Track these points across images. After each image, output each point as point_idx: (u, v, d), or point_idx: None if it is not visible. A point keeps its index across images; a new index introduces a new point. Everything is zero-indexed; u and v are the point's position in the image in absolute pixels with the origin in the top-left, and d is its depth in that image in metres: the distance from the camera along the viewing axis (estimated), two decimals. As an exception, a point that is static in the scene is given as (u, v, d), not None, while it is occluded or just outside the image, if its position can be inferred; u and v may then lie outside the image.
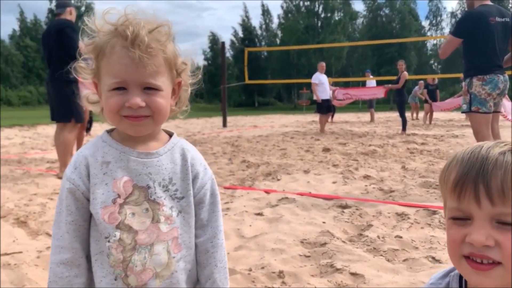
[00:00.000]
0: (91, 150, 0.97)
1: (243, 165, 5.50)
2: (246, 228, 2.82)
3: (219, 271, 1.04)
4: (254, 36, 57.86)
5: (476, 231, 0.69)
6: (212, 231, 1.03)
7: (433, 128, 12.18)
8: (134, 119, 0.92)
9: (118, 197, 0.94)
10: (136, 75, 0.90)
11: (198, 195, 1.02)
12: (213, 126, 14.51)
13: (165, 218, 0.96)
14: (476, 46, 3.85)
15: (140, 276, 0.93)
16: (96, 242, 0.95)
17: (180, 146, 1.03)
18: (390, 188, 3.94)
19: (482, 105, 3.84)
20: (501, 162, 0.68)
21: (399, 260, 2.26)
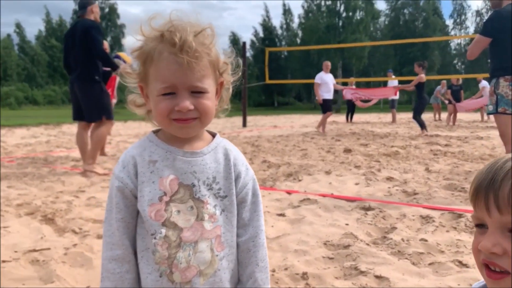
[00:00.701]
0: (139, 150, 1.01)
1: (263, 165, 5.50)
2: (268, 228, 2.82)
3: (260, 270, 1.05)
4: (275, 36, 57.76)
5: (486, 238, 0.72)
6: (254, 230, 1.05)
7: (457, 129, 11.92)
8: (183, 121, 0.95)
9: (164, 195, 0.96)
10: (185, 79, 0.93)
11: (240, 194, 1.04)
12: (233, 126, 14.56)
13: (209, 216, 0.98)
14: (504, 46, 3.78)
15: (185, 273, 0.96)
16: (142, 240, 0.98)
17: (223, 146, 1.06)
18: (414, 190, 3.87)
19: (509, 106, 3.78)
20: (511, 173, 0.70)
21: (425, 263, 2.22)
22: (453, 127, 12.64)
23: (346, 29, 48.29)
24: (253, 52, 56.15)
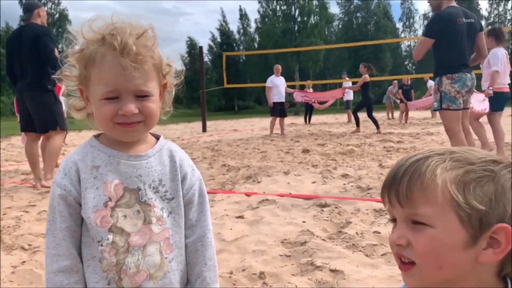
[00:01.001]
0: (80, 155, 0.98)
1: (223, 169, 5.50)
2: (226, 231, 2.82)
3: (208, 269, 1.05)
4: (232, 40, 57.85)
5: (394, 231, 0.76)
6: (201, 231, 1.05)
7: (409, 126, 12.43)
8: (127, 125, 0.94)
9: (110, 200, 0.95)
10: (128, 83, 0.92)
11: (187, 195, 1.04)
12: (193, 131, 14.43)
13: (156, 219, 0.97)
14: (446, 46, 3.99)
15: (134, 278, 0.94)
16: (87, 248, 0.95)
17: (168, 148, 1.06)
18: (368, 185, 4.00)
19: (452, 102, 4.01)
20: (411, 168, 0.74)
21: (378, 254, 2.30)
22: (405, 125, 13.17)
23: (302, 33, 49.15)
24: (211, 57, 55.99)
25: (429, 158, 0.73)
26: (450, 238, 0.70)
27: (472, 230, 0.69)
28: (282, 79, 11.23)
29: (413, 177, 0.72)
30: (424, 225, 0.71)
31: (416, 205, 0.71)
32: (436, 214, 0.70)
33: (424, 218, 0.71)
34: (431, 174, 0.71)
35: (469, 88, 4.07)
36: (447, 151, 0.75)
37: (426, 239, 0.70)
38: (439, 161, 0.72)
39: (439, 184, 0.70)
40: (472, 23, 4.06)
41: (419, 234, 0.71)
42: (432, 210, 0.70)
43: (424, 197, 0.71)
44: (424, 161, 0.73)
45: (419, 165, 0.73)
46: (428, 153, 0.75)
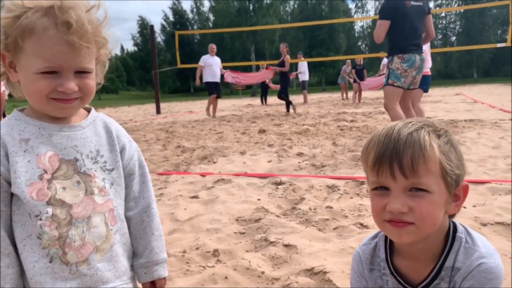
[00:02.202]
0: (5, 129, 0.92)
1: (177, 151, 5.40)
2: (180, 211, 2.78)
3: (156, 239, 1.05)
4: (186, 20, 56.48)
5: (394, 200, 0.84)
6: (145, 202, 1.05)
7: (362, 106, 12.77)
8: (65, 102, 0.91)
9: (45, 173, 0.90)
10: (72, 61, 0.88)
11: (127, 167, 1.03)
12: (146, 113, 14.07)
13: (99, 190, 0.95)
14: (396, 28, 4.22)
15: (80, 251, 0.90)
16: (21, 227, 0.89)
17: (101, 119, 1.03)
18: (322, 163, 4.08)
19: (397, 79, 4.31)
20: (410, 141, 0.83)
21: (330, 228, 2.36)
22: (359, 105, 13.52)
23: (257, 13, 48.81)
24: (164, 37, 54.45)
25: (419, 130, 0.85)
26: (441, 199, 0.86)
27: (452, 190, 0.87)
28: (216, 59, 10.92)
29: (415, 150, 0.82)
30: (424, 191, 0.83)
31: (419, 176, 0.82)
32: (434, 181, 0.84)
33: (425, 186, 0.83)
34: (430, 147, 0.83)
35: (417, 68, 4.30)
36: (423, 123, 0.88)
37: (427, 203, 0.83)
38: (427, 133, 0.85)
39: (436, 155, 0.83)
40: (421, 5, 4.30)
41: (420, 200, 0.83)
42: (432, 178, 0.83)
43: (426, 168, 0.83)
44: (417, 133, 0.84)
45: (415, 138, 0.83)
46: (412, 125, 0.86)
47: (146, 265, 1.04)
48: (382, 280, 0.99)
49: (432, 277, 0.91)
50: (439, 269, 0.90)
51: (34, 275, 0.89)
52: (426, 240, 0.89)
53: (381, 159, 0.85)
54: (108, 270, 0.95)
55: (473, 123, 6.66)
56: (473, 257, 0.87)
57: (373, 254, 1.01)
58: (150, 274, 1.04)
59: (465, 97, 14.11)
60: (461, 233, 0.91)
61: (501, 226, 2.24)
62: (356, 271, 1.03)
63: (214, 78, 10.80)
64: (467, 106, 10.18)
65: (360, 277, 1.02)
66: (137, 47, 55.80)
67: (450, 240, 0.90)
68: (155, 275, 1.04)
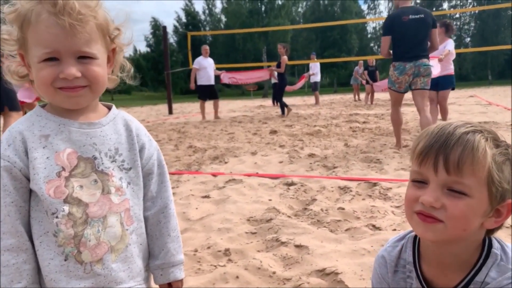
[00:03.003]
0: (26, 125, 0.91)
1: (189, 151, 5.43)
2: (192, 211, 2.79)
3: (172, 240, 1.04)
4: (198, 21, 56.74)
5: (429, 193, 0.82)
6: (163, 202, 1.03)
7: (375, 107, 12.67)
8: (70, 90, 0.88)
9: (63, 170, 0.89)
10: (68, 44, 0.85)
11: (146, 166, 1.02)
12: (159, 114, 14.16)
13: (115, 189, 0.94)
14: (394, 40, 4.79)
15: (95, 250, 0.90)
16: (39, 224, 0.89)
17: (122, 117, 1.02)
18: (334, 164, 4.06)
19: (391, 84, 4.90)
20: (463, 140, 0.81)
21: (342, 230, 2.34)
22: (371, 106, 13.42)
23: (269, 14, 48.84)
24: (176, 38, 54.74)
25: (476, 133, 0.82)
26: (480, 208, 0.82)
27: (494, 203, 0.83)
28: (210, 61, 10.58)
29: (466, 149, 0.80)
30: (463, 194, 0.81)
31: (463, 175, 0.80)
32: (476, 186, 0.81)
33: (466, 188, 0.80)
34: (483, 150, 0.81)
35: (412, 73, 4.68)
36: (484, 128, 0.85)
37: (463, 206, 0.80)
38: (485, 138, 0.82)
39: (488, 161, 0.81)
40: (423, 18, 4.64)
41: (457, 200, 0.81)
42: (475, 182, 0.80)
43: (472, 170, 0.80)
44: (473, 135, 0.82)
45: (470, 139, 0.81)
46: (471, 127, 0.84)
47: (162, 266, 1.02)
48: (405, 283, 0.98)
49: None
50: (468, 282, 0.88)
51: (49, 273, 0.89)
52: (453, 245, 0.86)
53: (429, 149, 0.83)
54: (123, 270, 0.94)
55: (487, 125, 6.53)
56: (506, 275, 0.84)
57: (398, 256, 0.99)
58: (166, 276, 1.03)
59: (480, 99, 13.91)
60: (497, 250, 0.88)
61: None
62: (378, 273, 1.02)
63: (208, 81, 10.44)
64: (481, 108, 10.04)
65: (382, 279, 1.01)
66: (150, 48, 56.20)
67: (485, 255, 0.88)
68: (171, 277, 1.03)
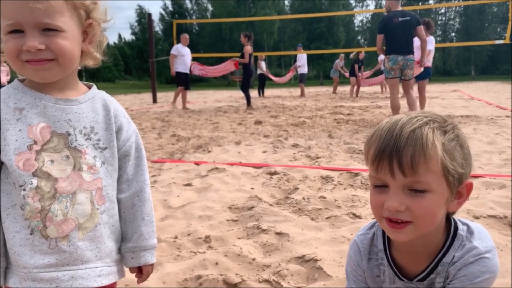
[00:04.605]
0: (2, 97, 0.90)
1: (173, 139, 5.38)
2: (173, 198, 2.77)
3: (146, 224, 1.03)
4: (185, 10, 56.09)
5: (391, 198, 0.83)
6: (139, 185, 1.02)
7: (360, 100, 12.76)
8: (35, 63, 0.87)
9: (35, 144, 0.88)
10: (30, 15, 0.83)
11: (123, 148, 1.00)
12: (143, 102, 14.00)
13: (88, 167, 0.92)
14: (386, 38, 5.97)
15: (61, 226, 0.88)
16: (7, 196, 0.88)
17: (101, 97, 1.00)
18: (317, 154, 4.07)
19: (388, 73, 6.07)
20: (412, 139, 0.80)
21: (322, 218, 2.35)
22: (356, 99, 13.51)
23: (256, 4, 48.54)
24: (162, 27, 54.05)
25: (423, 127, 0.81)
26: (442, 198, 0.83)
27: (454, 188, 0.84)
28: (188, 50, 10.64)
29: (416, 148, 0.79)
30: (423, 192, 0.81)
31: (419, 174, 0.80)
32: (434, 180, 0.81)
33: (425, 185, 0.80)
34: (433, 145, 0.80)
35: (401, 65, 5.87)
36: (428, 117, 0.84)
37: (427, 203, 0.81)
38: (431, 130, 0.81)
39: (439, 154, 0.80)
40: (409, 19, 5.81)
41: (419, 199, 0.81)
42: (432, 177, 0.80)
43: (427, 167, 0.79)
44: (420, 130, 0.81)
45: (418, 136, 0.80)
46: (417, 121, 0.82)
47: (133, 249, 1.02)
48: (379, 270, 0.99)
49: (428, 271, 0.91)
50: (436, 264, 0.90)
51: (13, 245, 0.88)
52: (424, 237, 0.88)
53: (381, 155, 0.82)
54: (90, 250, 0.92)
55: (469, 119, 6.66)
56: (471, 253, 0.86)
57: (371, 244, 1.00)
58: (137, 259, 1.02)
59: (462, 94, 14.13)
60: (462, 231, 0.90)
61: (493, 219, 2.25)
62: (353, 260, 1.02)
63: (185, 69, 10.50)
64: (463, 103, 10.19)
65: (356, 266, 1.02)
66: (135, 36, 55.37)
67: (451, 238, 0.90)
68: (142, 261, 1.02)
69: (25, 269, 0.88)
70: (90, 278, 0.93)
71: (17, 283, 0.90)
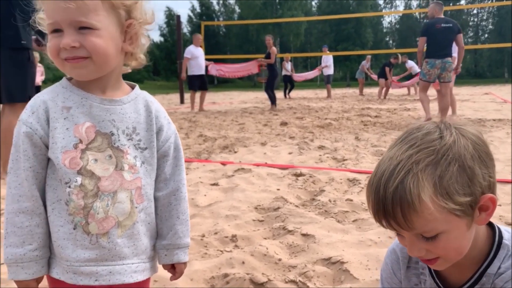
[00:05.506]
0: (50, 95, 0.94)
1: (199, 139, 5.45)
2: (200, 197, 2.81)
3: (181, 223, 1.05)
4: (212, 11, 56.63)
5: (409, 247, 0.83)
6: (175, 184, 1.04)
7: (387, 102, 12.56)
8: (72, 60, 0.90)
9: (80, 143, 0.92)
10: (65, 14, 0.87)
11: (162, 148, 1.03)
12: (170, 103, 14.23)
13: (129, 167, 0.95)
14: (428, 41, 6.34)
15: (102, 224, 0.92)
16: (53, 191, 0.93)
17: (144, 97, 1.03)
18: (343, 157, 4.04)
19: (423, 76, 6.50)
20: (396, 200, 0.77)
21: (349, 221, 2.34)
22: (384, 101, 13.30)
23: (283, 6, 48.46)
24: (190, 29, 54.69)
25: (405, 179, 0.76)
26: (459, 231, 0.80)
27: (468, 215, 0.80)
28: (201, 50, 10.40)
29: (404, 208, 0.76)
30: (435, 236, 0.79)
31: (420, 227, 0.78)
32: (441, 224, 0.78)
33: (433, 231, 0.79)
34: (418, 199, 0.75)
35: (439, 68, 6.24)
36: (413, 157, 0.78)
37: (443, 243, 0.80)
38: (415, 179, 0.76)
39: (429, 204, 0.76)
40: (451, 27, 6.28)
41: (435, 243, 0.80)
42: (436, 224, 0.77)
43: (424, 220, 0.77)
44: (403, 186, 0.76)
45: (402, 194, 0.76)
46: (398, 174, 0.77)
47: (167, 247, 1.04)
48: (418, 279, 0.97)
49: (472, 282, 0.89)
50: (480, 275, 0.87)
51: (57, 239, 0.93)
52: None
53: (377, 217, 0.81)
54: (127, 246, 0.96)
55: (502, 122, 6.46)
56: None
57: None
58: (170, 257, 1.04)
59: (495, 97, 13.69)
60: (508, 240, 0.87)
61: (527, 226, 2.18)
62: (390, 268, 1.01)
63: (200, 71, 10.25)
64: (496, 106, 9.88)
65: (392, 274, 1.00)
66: (164, 37, 56.30)
67: (495, 247, 0.87)
68: (175, 258, 1.05)
69: (68, 261, 0.93)
70: (126, 273, 0.96)
71: (60, 274, 0.94)
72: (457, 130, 0.82)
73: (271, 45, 10.27)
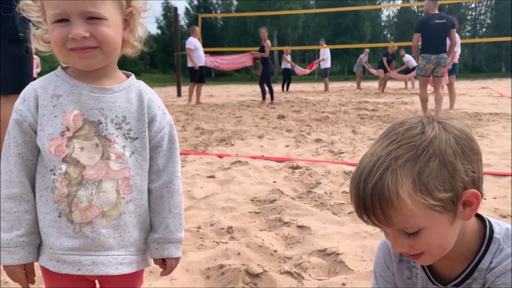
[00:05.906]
0: (42, 83, 0.95)
1: (196, 132, 5.45)
2: (197, 190, 2.82)
3: (173, 216, 1.02)
4: (209, 4, 56.29)
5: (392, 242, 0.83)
6: (168, 177, 1.01)
7: (385, 96, 12.56)
8: (80, 51, 0.89)
9: (67, 130, 0.91)
10: (75, 4, 0.86)
11: (155, 138, 1.00)
12: (167, 96, 14.18)
13: (116, 156, 0.94)
14: (423, 37, 6.37)
15: (85, 212, 0.91)
16: (42, 178, 0.93)
17: (138, 86, 1.01)
18: (340, 150, 4.05)
19: (419, 71, 6.46)
20: (375, 196, 0.76)
21: (345, 213, 2.35)
22: (381, 94, 13.30)
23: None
24: (188, 21, 54.39)
25: (384, 175, 0.76)
26: (441, 227, 0.79)
27: (450, 210, 0.78)
28: (199, 42, 10.39)
29: (383, 204, 0.76)
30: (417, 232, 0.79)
31: (400, 223, 0.78)
32: (421, 220, 0.77)
33: (414, 227, 0.78)
34: (396, 195, 0.75)
35: (435, 63, 6.23)
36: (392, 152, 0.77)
37: (425, 239, 0.79)
38: (394, 175, 0.75)
39: (408, 200, 0.75)
40: (445, 22, 6.27)
41: (417, 238, 0.80)
42: (416, 220, 0.77)
43: (403, 216, 0.76)
44: (381, 183, 0.76)
45: (380, 191, 0.76)
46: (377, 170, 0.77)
47: (158, 241, 1.01)
48: (410, 272, 0.97)
49: (464, 277, 0.88)
50: (472, 270, 0.87)
51: (43, 226, 0.93)
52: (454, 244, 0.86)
53: (358, 212, 0.81)
54: (113, 237, 0.94)
55: (498, 116, 6.48)
56: (511, 259, 0.83)
57: None
58: (161, 251, 1.02)
59: (492, 91, 13.71)
60: (498, 234, 0.86)
61: (521, 219, 2.19)
62: (382, 261, 1.01)
63: (200, 62, 10.17)
64: (493, 100, 9.90)
65: (385, 267, 1.01)
66: (161, 30, 55.97)
67: (486, 242, 0.86)
68: (166, 253, 1.02)
69: (51, 249, 0.93)
70: (111, 265, 0.94)
71: (45, 262, 0.95)
72: (440, 124, 0.80)
73: (265, 38, 10.11)
